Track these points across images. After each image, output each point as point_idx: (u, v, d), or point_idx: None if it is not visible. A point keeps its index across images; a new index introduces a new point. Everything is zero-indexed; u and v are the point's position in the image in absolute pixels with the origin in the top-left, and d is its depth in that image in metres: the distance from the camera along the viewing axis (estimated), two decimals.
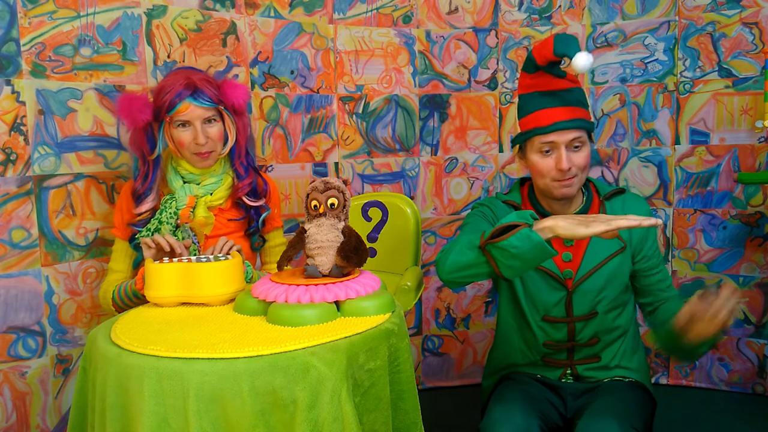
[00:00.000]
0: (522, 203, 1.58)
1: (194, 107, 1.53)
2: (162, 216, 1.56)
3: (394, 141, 2.49)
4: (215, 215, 1.62)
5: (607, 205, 1.55)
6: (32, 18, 1.67)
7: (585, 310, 1.51)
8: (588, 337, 1.52)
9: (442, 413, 2.29)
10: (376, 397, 1.16)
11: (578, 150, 1.45)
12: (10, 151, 1.65)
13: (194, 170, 1.61)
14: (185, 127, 1.55)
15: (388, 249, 2.06)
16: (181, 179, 1.61)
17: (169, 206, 1.57)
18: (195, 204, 1.59)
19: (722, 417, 2.25)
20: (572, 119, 1.44)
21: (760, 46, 2.28)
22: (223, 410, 1.02)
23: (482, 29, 2.51)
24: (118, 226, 1.64)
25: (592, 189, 1.58)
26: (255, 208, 1.67)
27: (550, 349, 1.55)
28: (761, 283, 2.36)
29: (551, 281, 1.52)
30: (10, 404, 1.69)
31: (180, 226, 1.57)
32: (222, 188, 1.63)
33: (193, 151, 1.57)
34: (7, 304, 1.67)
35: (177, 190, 1.59)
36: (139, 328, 1.21)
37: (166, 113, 1.53)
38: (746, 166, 2.34)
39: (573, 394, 1.52)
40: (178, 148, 1.57)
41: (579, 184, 1.48)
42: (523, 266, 1.27)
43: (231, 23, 2.11)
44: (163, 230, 1.55)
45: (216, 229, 1.62)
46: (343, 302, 1.24)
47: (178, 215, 1.57)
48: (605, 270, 1.50)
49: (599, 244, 1.49)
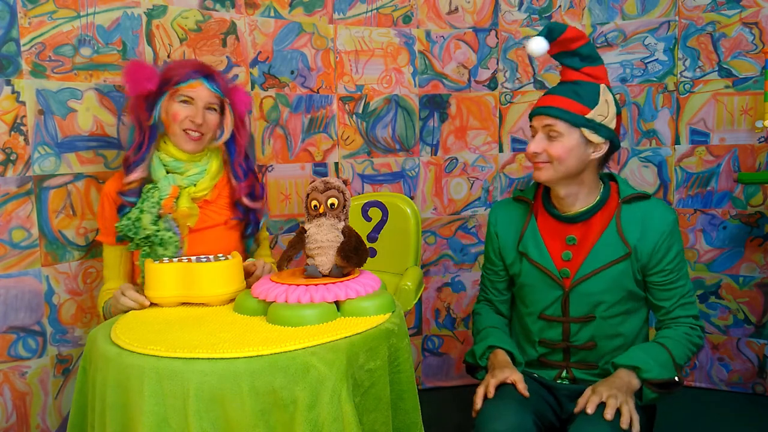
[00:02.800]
0: (534, 200, 1.58)
1: (204, 88, 1.57)
2: (144, 205, 1.54)
3: (394, 141, 2.49)
4: (200, 207, 1.60)
5: (624, 209, 1.47)
6: (32, 18, 1.67)
7: (582, 312, 1.49)
8: (584, 340, 1.51)
9: (442, 413, 2.29)
10: (376, 397, 1.16)
11: (554, 139, 1.44)
12: (10, 151, 1.65)
13: (180, 155, 1.59)
14: (186, 104, 1.56)
15: (388, 249, 2.06)
16: (164, 169, 1.59)
17: (151, 195, 1.54)
18: (178, 195, 1.57)
19: (722, 417, 2.25)
20: (548, 106, 1.44)
21: (760, 46, 2.28)
22: (223, 410, 1.02)
23: (482, 29, 2.51)
24: (104, 231, 1.62)
25: (612, 189, 1.51)
26: (252, 211, 1.67)
27: (545, 348, 1.54)
28: (761, 283, 2.36)
29: (548, 279, 1.51)
30: (10, 404, 1.69)
31: (162, 216, 1.55)
32: (206, 179, 1.61)
33: (184, 127, 1.56)
34: (7, 304, 1.67)
35: (160, 179, 1.57)
36: (139, 328, 1.22)
37: (174, 85, 1.54)
38: (746, 166, 2.34)
39: (568, 396, 1.51)
40: (170, 122, 1.56)
41: (555, 174, 1.45)
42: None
43: (231, 23, 2.11)
44: (144, 220, 1.52)
45: (201, 222, 1.60)
46: (343, 302, 1.24)
47: (160, 205, 1.54)
48: (606, 275, 1.46)
49: (603, 248, 1.46)
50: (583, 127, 1.43)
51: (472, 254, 2.58)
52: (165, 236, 1.53)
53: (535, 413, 1.40)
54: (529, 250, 1.53)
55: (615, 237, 1.46)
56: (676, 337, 1.46)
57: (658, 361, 1.40)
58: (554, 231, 1.52)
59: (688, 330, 1.47)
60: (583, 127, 1.43)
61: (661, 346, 1.44)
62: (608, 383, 1.37)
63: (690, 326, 1.48)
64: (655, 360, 1.40)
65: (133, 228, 1.53)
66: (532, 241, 1.53)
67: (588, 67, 1.46)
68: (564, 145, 1.43)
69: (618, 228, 1.46)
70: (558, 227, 1.52)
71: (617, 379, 1.39)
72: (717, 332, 2.45)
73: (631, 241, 1.45)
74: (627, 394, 1.35)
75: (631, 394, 1.36)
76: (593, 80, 1.45)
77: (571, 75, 1.47)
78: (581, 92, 1.44)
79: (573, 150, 1.43)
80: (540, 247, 1.52)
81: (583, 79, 1.45)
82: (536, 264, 1.52)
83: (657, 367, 1.39)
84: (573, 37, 1.44)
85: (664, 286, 1.47)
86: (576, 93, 1.44)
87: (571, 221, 1.50)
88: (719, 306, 2.44)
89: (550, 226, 1.53)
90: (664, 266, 1.45)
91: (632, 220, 1.46)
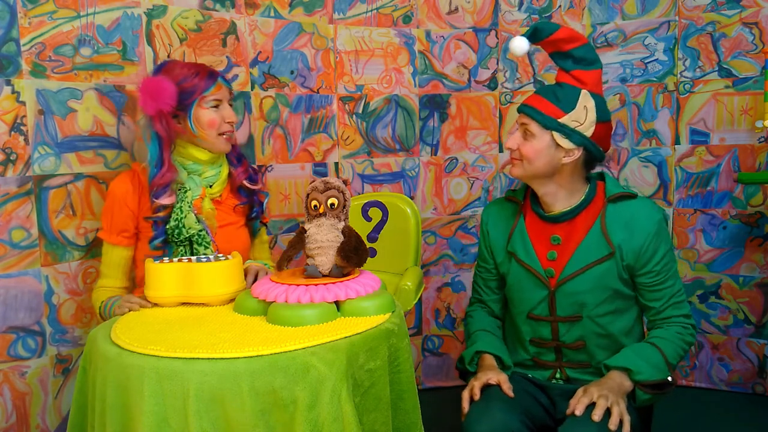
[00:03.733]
0: (524, 200, 1.58)
1: (224, 87, 1.62)
2: (182, 205, 1.56)
3: (394, 141, 2.49)
4: (215, 207, 1.64)
5: (610, 208, 1.46)
6: (32, 18, 1.67)
7: (568, 312, 1.49)
8: (573, 339, 1.50)
9: (442, 413, 2.29)
10: (376, 397, 1.16)
11: (527, 138, 1.45)
12: (10, 151, 1.65)
13: (202, 157, 1.60)
14: (215, 108, 1.59)
15: (388, 249, 2.06)
16: (185, 171, 1.61)
17: (185, 196, 1.58)
18: (205, 194, 1.61)
19: (722, 417, 2.25)
20: (526, 105, 1.46)
21: (760, 46, 2.28)
22: (223, 410, 1.02)
23: (482, 29, 2.51)
24: (108, 230, 1.61)
25: (599, 188, 1.50)
26: (255, 193, 1.72)
27: (537, 347, 1.54)
28: (761, 283, 2.36)
29: (535, 279, 1.51)
30: (10, 404, 1.69)
31: (197, 216, 1.58)
32: (219, 181, 1.65)
33: (222, 131, 1.60)
34: (7, 304, 1.67)
35: (185, 180, 1.60)
36: (139, 328, 1.22)
37: (202, 93, 1.56)
38: (746, 166, 2.34)
39: (562, 395, 1.50)
40: (205, 129, 1.58)
41: (525, 173, 1.46)
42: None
43: (231, 23, 2.11)
44: (189, 220, 1.55)
45: (220, 219, 1.63)
46: (343, 302, 1.24)
47: (192, 205, 1.58)
48: (590, 274, 1.45)
49: (587, 247, 1.46)
50: (554, 131, 1.42)
51: (472, 254, 2.58)
52: (203, 234, 1.57)
53: (524, 413, 1.39)
54: (517, 250, 1.53)
55: (599, 236, 1.45)
56: (668, 337, 1.45)
57: (650, 362, 1.40)
58: (540, 231, 1.52)
59: (680, 329, 1.46)
60: (554, 130, 1.42)
61: (653, 346, 1.43)
62: (600, 384, 1.37)
63: (682, 325, 1.47)
64: (647, 361, 1.40)
65: (177, 229, 1.55)
66: (520, 241, 1.53)
67: (578, 71, 1.45)
68: (533, 146, 1.44)
69: (602, 227, 1.45)
70: (543, 227, 1.52)
71: (609, 380, 1.39)
72: (717, 332, 2.45)
73: (615, 241, 1.44)
74: (618, 395, 1.34)
75: (622, 396, 1.36)
76: (578, 85, 1.44)
77: (562, 76, 1.48)
78: (560, 95, 1.43)
79: (541, 152, 1.43)
80: (527, 246, 1.52)
81: (568, 82, 1.45)
82: (523, 264, 1.52)
83: (649, 369, 1.39)
84: (565, 38, 1.43)
85: (654, 287, 1.46)
86: (555, 95, 1.44)
87: (555, 221, 1.50)
88: (719, 306, 2.44)
89: (536, 226, 1.53)
90: (652, 267, 1.44)
91: (617, 219, 1.45)
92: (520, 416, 1.37)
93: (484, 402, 1.39)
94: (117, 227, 1.60)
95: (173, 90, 1.54)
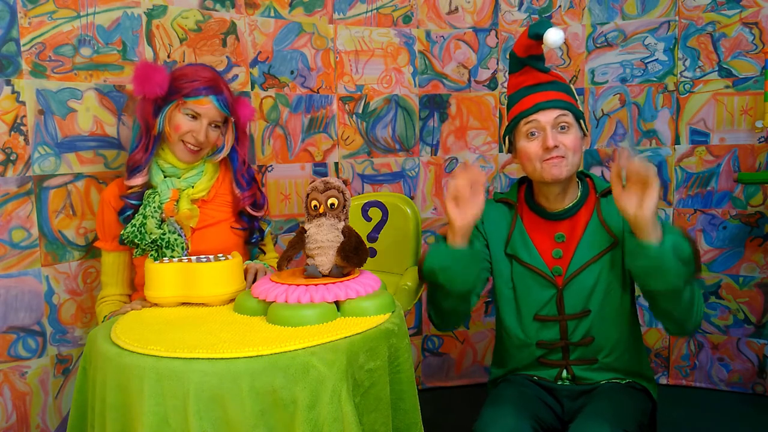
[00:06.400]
0: (518, 201, 1.57)
1: (213, 106, 1.57)
2: (146, 210, 1.55)
3: (394, 141, 2.49)
4: (199, 207, 1.62)
5: (603, 201, 1.51)
6: (32, 18, 1.67)
7: (577, 308, 1.49)
8: (581, 335, 1.50)
9: (442, 413, 2.29)
10: (376, 397, 1.16)
11: (565, 131, 1.44)
12: (10, 151, 1.65)
13: (177, 164, 1.61)
14: (192, 118, 1.57)
15: (388, 249, 2.06)
16: (162, 174, 1.61)
17: (152, 200, 1.56)
18: (178, 197, 1.59)
19: (722, 417, 2.25)
20: (553, 99, 1.45)
21: (760, 46, 2.28)
22: (223, 410, 1.02)
23: (482, 29, 2.51)
24: (103, 238, 1.63)
25: (589, 185, 1.55)
26: (256, 219, 1.71)
27: (543, 349, 1.53)
28: (761, 283, 2.36)
29: (541, 279, 1.50)
30: (10, 404, 1.69)
31: (165, 220, 1.57)
32: (203, 180, 1.64)
33: (185, 140, 1.57)
34: (7, 304, 1.67)
35: (159, 184, 1.59)
36: (139, 328, 1.22)
37: (183, 97, 1.55)
38: (746, 166, 2.34)
39: (569, 396, 1.50)
40: (171, 132, 1.57)
41: (570, 168, 1.44)
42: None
43: (231, 23, 2.11)
44: (149, 225, 1.54)
45: (202, 221, 1.62)
46: (343, 302, 1.24)
47: (162, 209, 1.56)
48: (597, 266, 1.47)
49: (590, 241, 1.48)
50: (581, 119, 1.48)
51: None
52: (171, 238, 1.55)
53: (533, 417, 1.39)
54: (519, 252, 1.53)
55: (599, 228, 1.48)
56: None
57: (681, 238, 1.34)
58: (542, 230, 1.53)
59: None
60: (581, 119, 1.48)
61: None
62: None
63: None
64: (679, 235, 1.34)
65: (138, 234, 1.54)
66: (521, 242, 1.53)
67: (552, 71, 1.51)
68: (574, 137, 1.46)
69: (600, 220, 1.49)
70: (546, 226, 1.52)
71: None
72: (717, 332, 2.45)
73: (615, 231, 1.47)
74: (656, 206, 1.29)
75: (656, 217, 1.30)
76: (563, 81, 1.51)
77: (544, 77, 1.49)
78: (567, 90, 1.49)
79: (579, 142, 1.47)
80: (529, 247, 1.52)
81: (557, 80, 1.50)
82: (527, 265, 1.51)
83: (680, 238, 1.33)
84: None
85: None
86: (566, 89, 1.49)
87: (558, 218, 1.51)
88: (719, 306, 2.44)
89: (537, 226, 1.53)
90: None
91: (612, 211, 1.46)
92: (530, 421, 1.37)
93: (495, 406, 1.40)
94: (110, 233, 1.62)
95: (165, 78, 1.55)
